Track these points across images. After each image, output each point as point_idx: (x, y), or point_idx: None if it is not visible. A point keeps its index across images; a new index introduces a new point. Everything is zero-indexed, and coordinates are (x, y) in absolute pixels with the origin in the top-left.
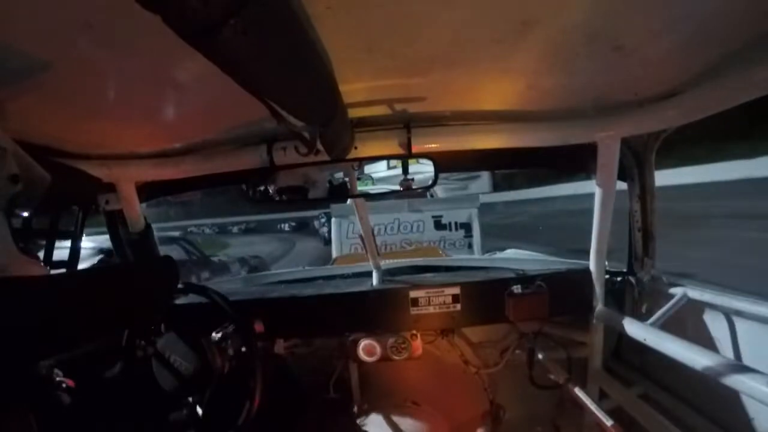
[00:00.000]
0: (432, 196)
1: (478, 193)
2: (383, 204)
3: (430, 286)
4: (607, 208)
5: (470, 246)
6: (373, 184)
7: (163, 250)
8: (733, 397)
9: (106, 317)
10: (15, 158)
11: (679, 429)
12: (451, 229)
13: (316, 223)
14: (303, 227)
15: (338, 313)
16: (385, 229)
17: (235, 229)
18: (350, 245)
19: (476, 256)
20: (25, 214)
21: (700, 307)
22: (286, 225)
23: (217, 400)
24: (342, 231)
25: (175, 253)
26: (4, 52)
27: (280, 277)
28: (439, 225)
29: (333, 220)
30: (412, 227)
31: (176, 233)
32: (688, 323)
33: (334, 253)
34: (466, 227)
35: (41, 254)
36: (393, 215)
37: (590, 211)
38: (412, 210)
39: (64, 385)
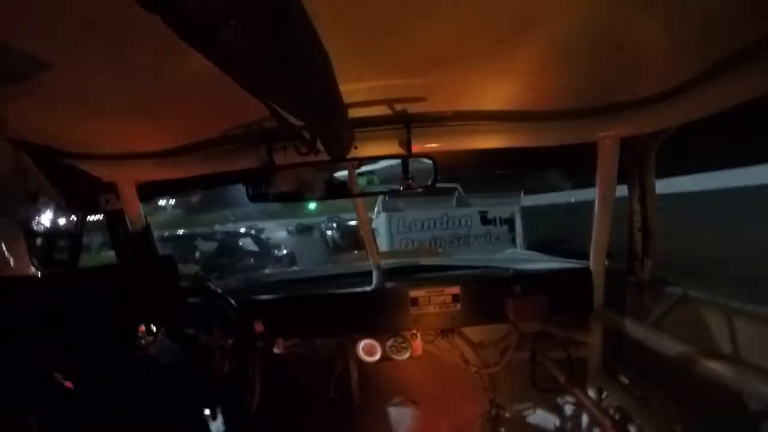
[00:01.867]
0: (460, 195)
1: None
2: (433, 200)
3: (430, 286)
4: (607, 208)
5: (513, 240)
6: (377, 182)
7: (241, 242)
8: (733, 397)
9: (106, 317)
10: (33, 176)
11: (678, 429)
12: (496, 224)
13: (323, 226)
14: (302, 232)
15: (338, 313)
16: (435, 224)
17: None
18: (401, 240)
19: (476, 256)
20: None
21: (699, 307)
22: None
23: (217, 400)
24: (393, 226)
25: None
26: (4, 52)
27: (280, 277)
28: (485, 220)
29: (382, 215)
30: (460, 222)
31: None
32: (688, 323)
33: (384, 248)
34: (510, 223)
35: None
36: (442, 211)
37: None
38: (459, 205)
39: (63, 386)
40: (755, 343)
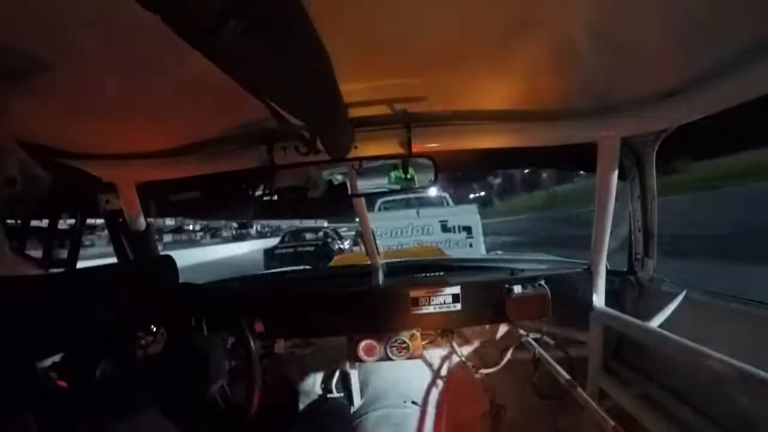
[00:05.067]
0: (448, 204)
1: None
2: (398, 212)
3: (431, 286)
4: (608, 208)
5: (471, 245)
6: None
7: (330, 232)
8: (732, 397)
9: (106, 317)
10: (15, 160)
11: (678, 429)
12: (455, 232)
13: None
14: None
15: (338, 313)
16: (401, 232)
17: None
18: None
19: (477, 256)
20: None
21: (699, 307)
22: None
23: (217, 400)
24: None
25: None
26: (5, 52)
27: (280, 277)
28: (445, 228)
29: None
30: (422, 230)
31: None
32: (687, 323)
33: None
34: (468, 229)
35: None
36: (407, 221)
37: None
38: (422, 216)
39: (60, 386)
40: (755, 343)
